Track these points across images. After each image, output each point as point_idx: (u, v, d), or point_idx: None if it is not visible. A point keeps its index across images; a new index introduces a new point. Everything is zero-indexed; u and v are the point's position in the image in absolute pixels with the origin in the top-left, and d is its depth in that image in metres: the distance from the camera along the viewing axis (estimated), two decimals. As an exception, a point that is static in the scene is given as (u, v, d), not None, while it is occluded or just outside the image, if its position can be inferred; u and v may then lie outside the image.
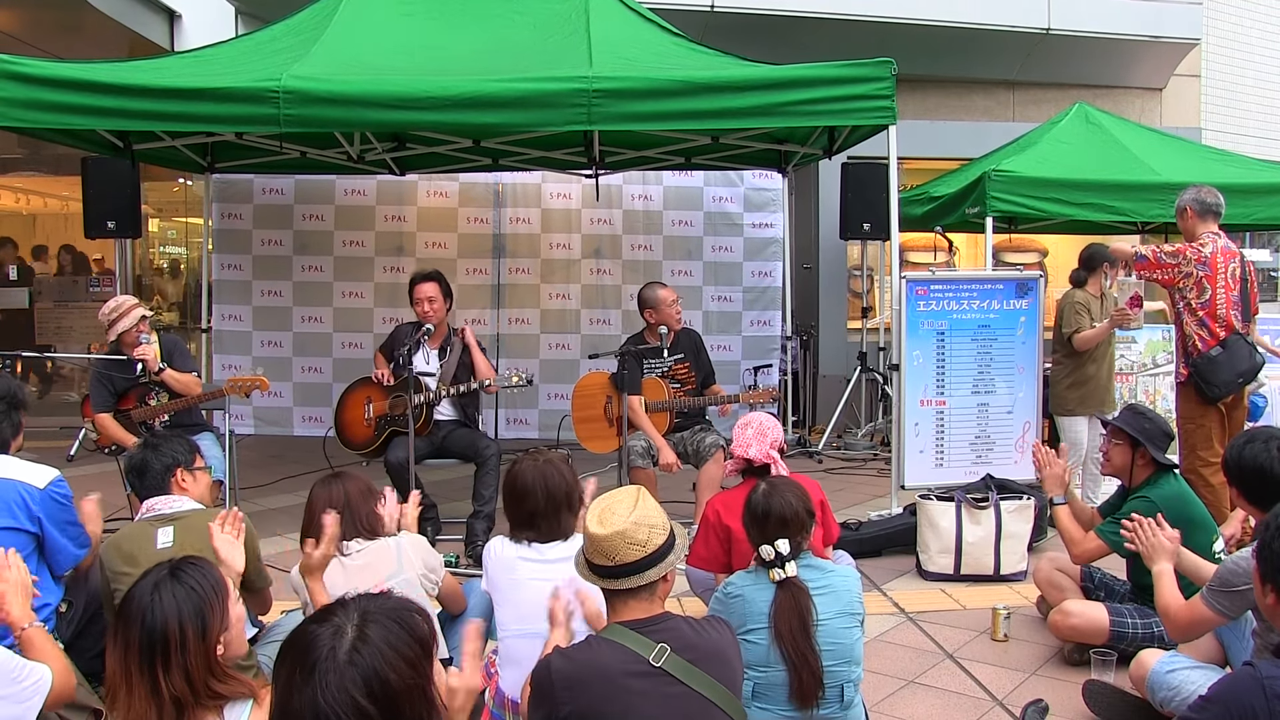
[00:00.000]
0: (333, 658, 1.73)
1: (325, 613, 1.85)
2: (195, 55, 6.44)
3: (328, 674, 1.72)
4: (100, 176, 8.26)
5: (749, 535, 3.28)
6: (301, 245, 9.10)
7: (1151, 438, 4.41)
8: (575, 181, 9.14)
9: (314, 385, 9.03)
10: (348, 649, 1.75)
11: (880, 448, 9.33)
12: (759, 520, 3.21)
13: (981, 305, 6.48)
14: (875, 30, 10.50)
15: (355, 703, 1.71)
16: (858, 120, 6.21)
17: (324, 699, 1.70)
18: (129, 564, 3.47)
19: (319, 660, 1.74)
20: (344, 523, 3.50)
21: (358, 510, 3.58)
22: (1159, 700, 3.55)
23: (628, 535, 2.57)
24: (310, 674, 1.73)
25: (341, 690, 1.71)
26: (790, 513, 3.19)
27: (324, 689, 1.71)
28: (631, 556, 2.56)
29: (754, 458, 4.24)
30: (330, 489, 3.59)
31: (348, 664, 1.73)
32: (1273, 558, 2.52)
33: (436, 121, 5.73)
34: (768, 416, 4.40)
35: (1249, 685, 2.39)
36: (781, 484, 3.33)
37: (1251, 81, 13.29)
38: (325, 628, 1.79)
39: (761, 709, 3.08)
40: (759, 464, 4.25)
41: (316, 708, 1.70)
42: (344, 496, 3.58)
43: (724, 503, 4.25)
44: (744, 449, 4.26)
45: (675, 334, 6.57)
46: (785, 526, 3.16)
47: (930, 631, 4.89)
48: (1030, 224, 9.81)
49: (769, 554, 3.11)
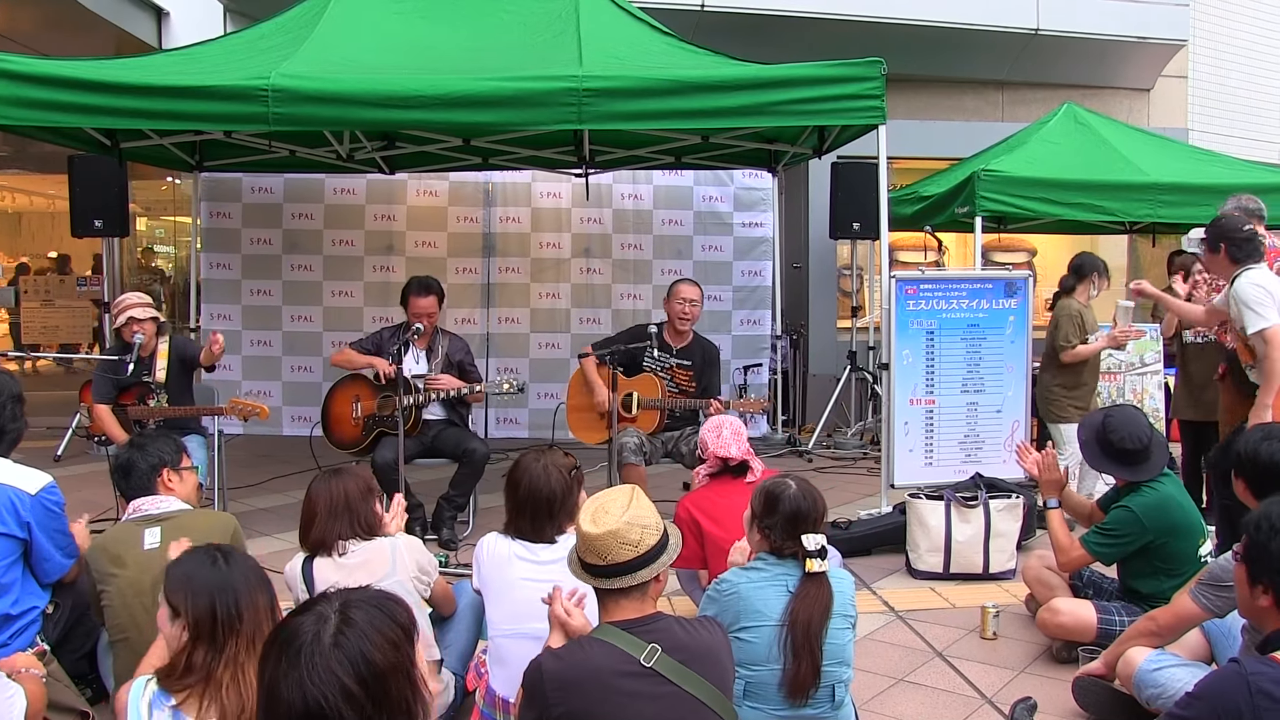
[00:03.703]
0: (318, 643, 1.75)
1: (308, 604, 1.86)
2: (184, 53, 6.41)
3: (314, 658, 1.73)
4: (87, 174, 8.24)
5: (768, 528, 3.24)
6: (291, 244, 9.08)
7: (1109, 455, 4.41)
8: (565, 180, 9.13)
9: (304, 385, 9.01)
10: (332, 633, 1.76)
11: (870, 447, 9.34)
12: (797, 516, 3.18)
13: (970, 305, 6.49)
14: (865, 30, 10.52)
15: (343, 685, 1.72)
16: (847, 120, 6.22)
17: (311, 683, 1.71)
18: (116, 565, 3.47)
19: (304, 646, 1.75)
20: (340, 521, 3.51)
21: (357, 509, 3.56)
22: (1146, 698, 3.57)
23: (620, 535, 2.57)
24: (296, 660, 1.74)
25: (329, 673, 1.72)
26: (821, 509, 3.22)
27: (310, 673, 1.72)
28: (624, 556, 2.57)
29: (735, 456, 4.34)
30: (329, 486, 3.57)
31: (333, 647, 1.74)
32: (1267, 557, 2.53)
33: (426, 120, 5.72)
34: (736, 419, 4.55)
35: (1234, 682, 2.40)
36: (805, 481, 3.33)
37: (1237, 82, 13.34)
38: (308, 617, 1.80)
39: (753, 708, 3.08)
40: (736, 463, 4.34)
41: (305, 693, 1.71)
42: (342, 494, 3.56)
43: (694, 502, 4.33)
44: (724, 449, 4.37)
45: (691, 340, 6.59)
46: (817, 522, 3.18)
47: (920, 630, 4.90)
48: (1019, 224, 9.84)
49: (816, 543, 3.10)
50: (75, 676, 3.66)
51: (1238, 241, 5.23)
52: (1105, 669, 3.87)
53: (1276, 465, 3.57)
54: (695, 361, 6.62)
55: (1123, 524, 4.27)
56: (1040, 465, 4.76)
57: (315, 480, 3.64)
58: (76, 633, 3.87)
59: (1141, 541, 4.24)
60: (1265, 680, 2.35)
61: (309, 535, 3.55)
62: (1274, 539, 2.51)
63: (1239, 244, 5.22)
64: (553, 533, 3.46)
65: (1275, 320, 4.96)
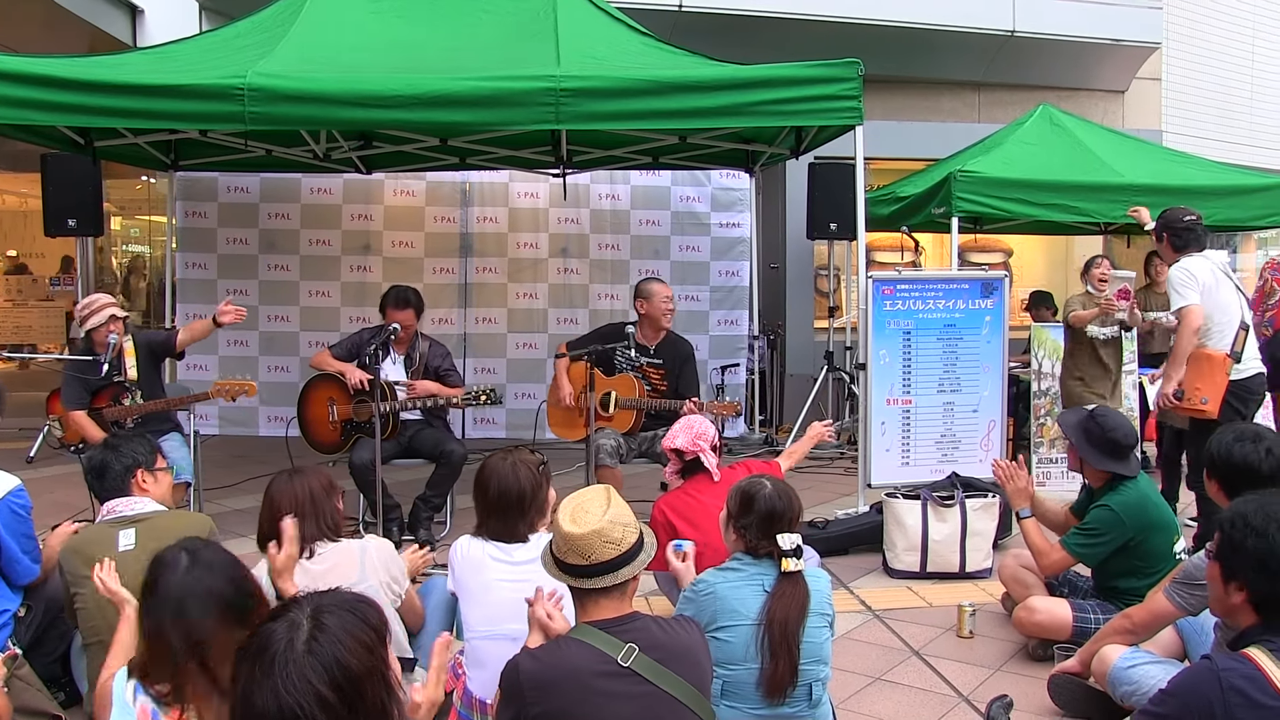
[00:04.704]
0: (291, 649, 1.73)
1: (279, 610, 1.85)
2: (158, 51, 6.37)
3: (288, 666, 1.72)
4: (60, 173, 8.16)
5: (744, 528, 3.25)
6: (267, 244, 9.04)
7: (1092, 439, 4.46)
8: (543, 181, 9.13)
9: (280, 385, 8.97)
10: (305, 639, 1.75)
11: (847, 446, 9.37)
12: (770, 516, 3.18)
13: (947, 305, 6.52)
14: (843, 31, 10.54)
15: (317, 692, 1.71)
16: (825, 120, 6.24)
17: (286, 691, 1.70)
18: (90, 568, 3.41)
19: (277, 654, 1.73)
20: (307, 522, 3.45)
21: (321, 508, 3.50)
22: (1120, 695, 3.60)
23: (604, 534, 2.57)
24: (270, 669, 1.72)
25: (303, 680, 1.71)
26: (796, 508, 3.22)
27: (285, 681, 1.70)
28: (607, 555, 2.57)
29: (681, 448, 4.35)
30: (293, 485, 3.51)
31: (306, 653, 1.73)
32: (1240, 555, 2.55)
33: (403, 120, 5.69)
34: (699, 416, 4.57)
35: (1206, 678, 2.42)
36: (781, 482, 3.33)
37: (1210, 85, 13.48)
38: (280, 623, 1.79)
39: (730, 707, 3.08)
40: (690, 456, 4.35)
41: (279, 701, 1.70)
42: (307, 493, 3.49)
43: (669, 503, 4.33)
44: (670, 440, 4.41)
45: (663, 339, 6.58)
46: (792, 522, 3.18)
47: (897, 629, 4.91)
48: (995, 224, 9.88)
49: (792, 543, 3.10)
50: (48, 680, 3.63)
51: (1177, 230, 5.86)
52: (1080, 667, 3.90)
53: (1248, 465, 3.61)
54: (667, 360, 6.62)
55: (1104, 523, 4.30)
56: (1005, 475, 4.80)
57: (274, 480, 3.55)
58: (50, 636, 3.83)
59: (1122, 539, 4.28)
60: (1236, 676, 2.38)
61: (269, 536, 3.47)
62: (1247, 537, 2.53)
63: (1178, 233, 5.86)
64: (525, 530, 3.46)
65: (1194, 301, 5.56)
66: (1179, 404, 5.53)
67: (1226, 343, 5.61)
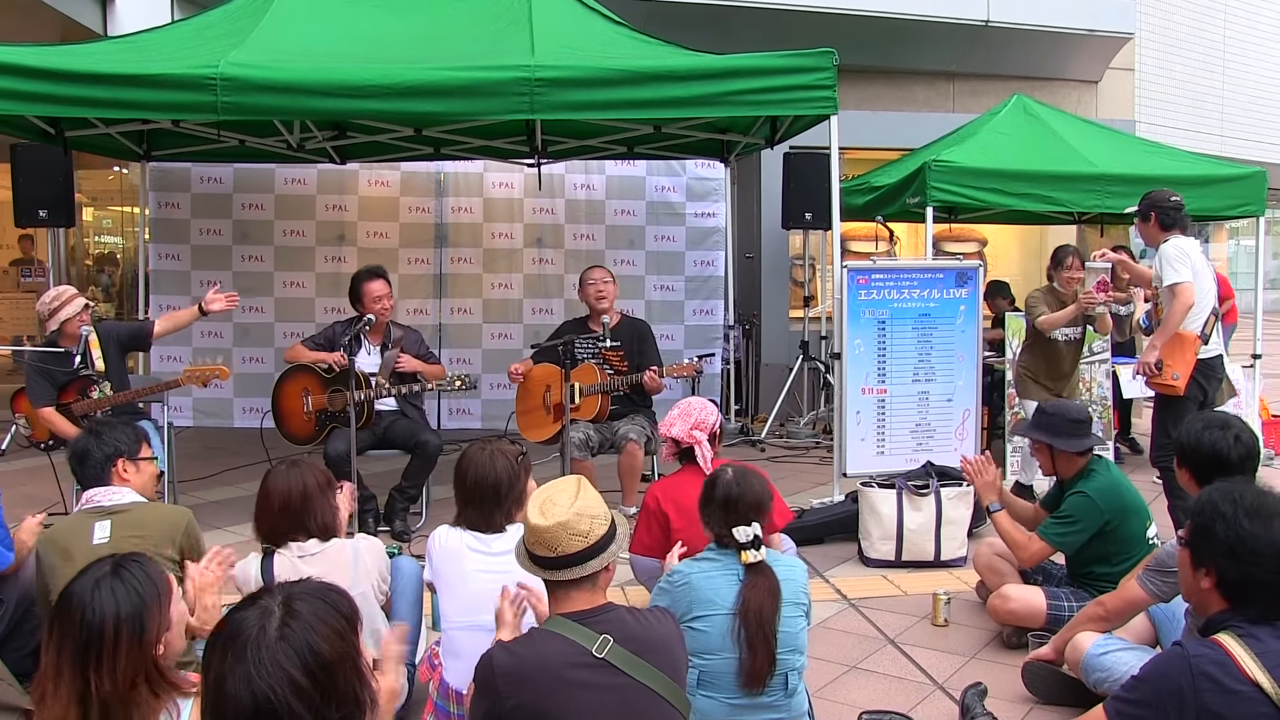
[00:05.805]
0: (263, 636, 1.73)
1: (250, 598, 1.84)
2: (130, 40, 6.31)
3: (260, 652, 1.71)
4: (30, 163, 8.08)
5: (709, 519, 3.26)
6: (241, 235, 8.95)
7: (1058, 431, 4.50)
8: (517, 171, 9.09)
9: (255, 376, 8.89)
10: (277, 626, 1.74)
11: (822, 436, 9.40)
12: (728, 505, 3.19)
13: (922, 294, 6.54)
14: (817, 20, 10.55)
15: (291, 678, 1.70)
16: (800, 110, 6.25)
17: (259, 678, 1.69)
18: (64, 559, 3.38)
19: (249, 641, 1.72)
20: (302, 519, 3.40)
21: (317, 505, 3.43)
22: (1093, 681, 3.64)
23: (570, 526, 2.56)
24: (242, 655, 1.71)
25: (276, 667, 1.70)
26: (757, 499, 3.21)
27: (257, 667, 1.70)
28: (574, 547, 2.56)
29: (677, 437, 4.30)
30: (289, 479, 3.42)
31: (278, 639, 1.72)
32: (1210, 541, 2.58)
33: (378, 110, 5.66)
34: (701, 400, 4.46)
35: (1177, 664, 2.45)
36: (748, 471, 3.33)
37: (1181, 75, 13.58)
38: (252, 611, 1.78)
39: (707, 697, 3.10)
40: (685, 445, 4.30)
41: (252, 688, 1.69)
42: (303, 488, 3.41)
43: (663, 490, 4.30)
44: (667, 428, 4.35)
45: (619, 322, 6.61)
46: (752, 512, 3.18)
47: (872, 617, 4.95)
48: (970, 214, 9.93)
49: (747, 535, 3.11)
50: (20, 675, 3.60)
51: (1165, 209, 5.85)
52: (1054, 654, 3.94)
53: (1218, 453, 3.65)
54: (625, 342, 6.67)
55: (1080, 510, 4.34)
56: (974, 470, 4.83)
57: (270, 472, 3.49)
58: (22, 629, 3.79)
59: (1098, 524, 4.32)
60: (1206, 662, 2.41)
61: (264, 530, 3.44)
62: (1217, 523, 2.56)
63: (1166, 211, 5.84)
64: (502, 520, 3.45)
65: (1187, 279, 5.56)
66: (1155, 376, 5.59)
67: (1198, 325, 5.65)
